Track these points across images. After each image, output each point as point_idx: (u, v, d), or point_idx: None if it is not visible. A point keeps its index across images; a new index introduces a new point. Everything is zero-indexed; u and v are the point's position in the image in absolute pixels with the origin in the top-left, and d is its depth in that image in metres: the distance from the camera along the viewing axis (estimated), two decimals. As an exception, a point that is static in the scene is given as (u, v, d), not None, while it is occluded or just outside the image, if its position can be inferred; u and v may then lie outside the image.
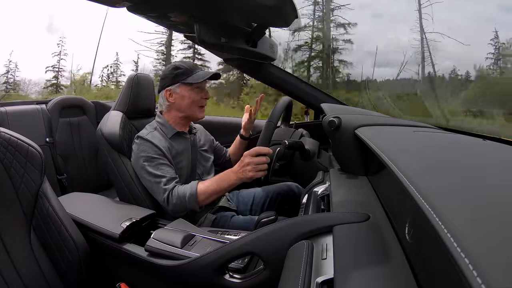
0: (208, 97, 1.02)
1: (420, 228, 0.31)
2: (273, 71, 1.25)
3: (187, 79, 0.95)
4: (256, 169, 0.81)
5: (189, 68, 0.98)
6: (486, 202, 0.24)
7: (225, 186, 0.87)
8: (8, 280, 0.61)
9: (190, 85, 0.96)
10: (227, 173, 0.88)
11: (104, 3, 0.69)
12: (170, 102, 0.99)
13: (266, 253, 0.49)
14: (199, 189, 0.88)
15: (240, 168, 0.84)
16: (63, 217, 0.70)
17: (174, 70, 0.97)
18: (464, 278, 0.16)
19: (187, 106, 0.98)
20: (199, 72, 0.98)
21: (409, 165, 0.34)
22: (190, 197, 0.87)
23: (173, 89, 0.97)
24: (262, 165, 0.81)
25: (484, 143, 0.51)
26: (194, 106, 0.98)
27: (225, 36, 0.85)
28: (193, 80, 0.95)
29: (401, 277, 0.31)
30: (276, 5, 0.71)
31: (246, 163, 0.82)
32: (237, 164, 0.85)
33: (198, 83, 0.96)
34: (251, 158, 0.81)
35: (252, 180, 0.83)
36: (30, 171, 0.67)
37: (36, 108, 1.69)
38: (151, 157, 0.91)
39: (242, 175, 0.83)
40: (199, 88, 0.98)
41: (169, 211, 0.90)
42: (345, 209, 0.50)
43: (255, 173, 0.81)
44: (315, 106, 1.29)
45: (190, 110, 0.99)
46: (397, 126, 0.73)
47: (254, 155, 0.82)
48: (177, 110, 0.99)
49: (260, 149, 0.82)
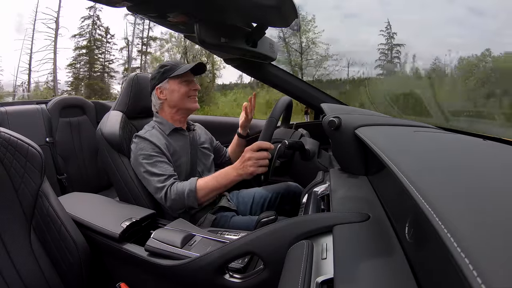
0: (197, 89, 1.03)
1: (420, 228, 0.31)
2: (273, 71, 1.25)
3: (174, 73, 0.98)
4: (257, 164, 0.80)
5: (175, 64, 1.01)
6: (486, 202, 0.24)
7: (225, 183, 0.86)
8: (8, 280, 0.61)
9: (177, 78, 0.99)
10: (227, 169, 0.87)
11: (104, 3, 0.69)
12: (162, 100, 1.01)
13: (266, 253, 0.49)
14: (199, 185, 0.87)
15: (241, 163, 0.83)
16: (63, 217, 0.70)
17: (161, 68, 1.00)
18: (464, 278, 0.16)
19: (178, 99, 0.99)
20: (184, 66, 1.00)
21: (409, 165, 0.34)
22: (189, 193, 0.86)
23: (162, 86, 1.00)
24: (263, 160, 0.80)
25: (484, 143, 0.51)
26: (185, 98, 1.00)
27: (225, 36, 0.85)
28: (180, 72, 0.97)
29: (401, 277, 0.31)
30: (276, 5, 0.71)
31: (247, 157, 0.81)
32: (238, 160, 0.85)
33: (184, 74, 0.98)
34: (252, 153, 0.81)
35: (252, 176, 0.82)
36: (30, 171, 0.67)
37: (36, 108, 1.69)
38: (149, 155, 0.91)
39: (243, 171, 0.82)
40: (187, 81, 1.00)
41: (167, 207, 0.89)
42: (345, 209, 0.50)
43: (256, 168, 0.80)
44: (315, 106, 1.29)
45: (182, 103, 1.00)
46: (397, 126, 0.72)
47: (256, 149, 0.81)
48: (170, 105, 1.01)
49: (262, 143, 0.81)
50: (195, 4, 0.76)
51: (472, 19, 7.44)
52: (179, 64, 1.01)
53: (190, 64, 0.99)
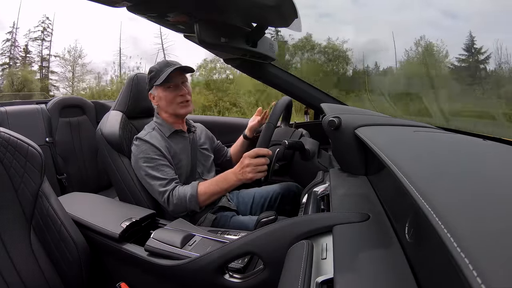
0: (185, 93, 0.98)
1: (420, 228, 0.31)
2: (273, 71, 1.25)
3: (156, 81, 0.95)
4: (256, 170, 0.82)
5: (159, 68, 0.96)
6: (486, 201, 0.24)
7: (225, 187, 0.88)
8: (8, 280, 0.61)
9: (161, 85, 0.96)
10: (227, 174, 0.88)
11: (104, 3, 0.69)
12: (156, 105, 1.01)
13: (266, 253, 0.49)
14: (200, 190, 0.88)
15: (239, 169, 0.84)
16: (63, 217, 0.70)
17: (149, 74, 0.99)
18: (464, 278, 0.16)
19: (167, 106, 0.98)
20: (167, 70, 0.94)
21: (409, 165, 0.34)
22: (191, 198, 0.87)
23: (152, 92, 0.99)
24: (262, 166, 0.82)
25: (484, 143, 0.51)
26: (173, 105, 0.98)
27: (225, 36, 0.85)
28: (159, 81, 0.94)
29: (401, 277, 0.31)
30: (276, 5, 0.71)
31: (246, 164, 0.82)
32: (237, 165, 0.86)
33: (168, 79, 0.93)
34: (250, 160, 0.82)
35: (252, 181, 0.84)
36: (30, 171, 0.67)
37: (36, 108, 1.69)
38: (151, 158, 0.91)
39: (242, 176, 0.84)
40: (172, 87, 0.97)
41: (170, 211, 0.90)
42: (345, 209, 0.50)
43: (254, 174, 0.82)
44: (315, 106, 1.29)
45: (171, 109, 0.99)
46: (397, 126, 0.73)
47: (254, 156, 0.82)
48: (163, 111, 1.01)
49: (260, 150, 0.82)
50: (195, 4, 0.76)
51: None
52: (164, 68, 0.96)
53: (170, 69, 0.94)
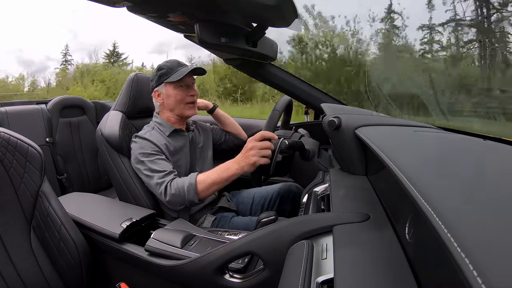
0: (194, 94, 1.00)
1: (420, 228, 0.31)
2: (273, 71, 1.25)
3: (169, 78, 0.96)
4: (260, 154, 0.78)
5: (171, 67, 0.98)
6: (487, 201, 0.24)
7: (226, 176, 0.84)
8: (8, 280, 0.61)
9: (173, 83, 0.96)
10: (228, 163, 0.85)
11: (104, 3, 0.69)
12: (160, 103, 1.01)
13: (266, 253, 0.49)
14: (199, 178, 0.85)
15: (242, 155, 0.81)
16: (63, 217, 0.70)
17: (158, 71, 0.99)
18: (464, 278, 0.16)
19: (174, 104, 0.98)
20: (181, 69, 0.96)
21: (409, 165, 0.34)
22: (189, 187, 0.84)
23: (159, 89, 0.99)
24: (266, 150, 0.78)
25: (484, 143, 0.51)
26: (182, 104, 0.98)
27: (225, 36, 0.85)
28: (174, 78, 0.95)
29: (401, 277, 0.31)
30: (276, 5, 0.71)
31: (250, 147, 0.79)
32: (240, 153, 0.83)
33: (180, 80, 0.95)
34: (255, 142, 0.79)
35: (255, 167, 0.79)
36: (30, 171, 0.67)
37: (36, 108, 1.69)
38: (149, 153, 0.91)
39: (244, 162, 0.79)
40: (184, 86, 0.98)
41: (166, 202, 0.87)
42: (345, 209, 0.50)
43: (258, 158, 0.78)
44: (315, 106, 1.29)
45: (178, 109, 0.99)
46: (397, 126, 0.72)
47: (259, 139, 0.79)
48: (168, 109, 1.00)
49: (265, 133, 0.80)
50: (195, 4, 0.76)
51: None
52: (176, 66, 0.98)
53: (187, 68, 0.96)
